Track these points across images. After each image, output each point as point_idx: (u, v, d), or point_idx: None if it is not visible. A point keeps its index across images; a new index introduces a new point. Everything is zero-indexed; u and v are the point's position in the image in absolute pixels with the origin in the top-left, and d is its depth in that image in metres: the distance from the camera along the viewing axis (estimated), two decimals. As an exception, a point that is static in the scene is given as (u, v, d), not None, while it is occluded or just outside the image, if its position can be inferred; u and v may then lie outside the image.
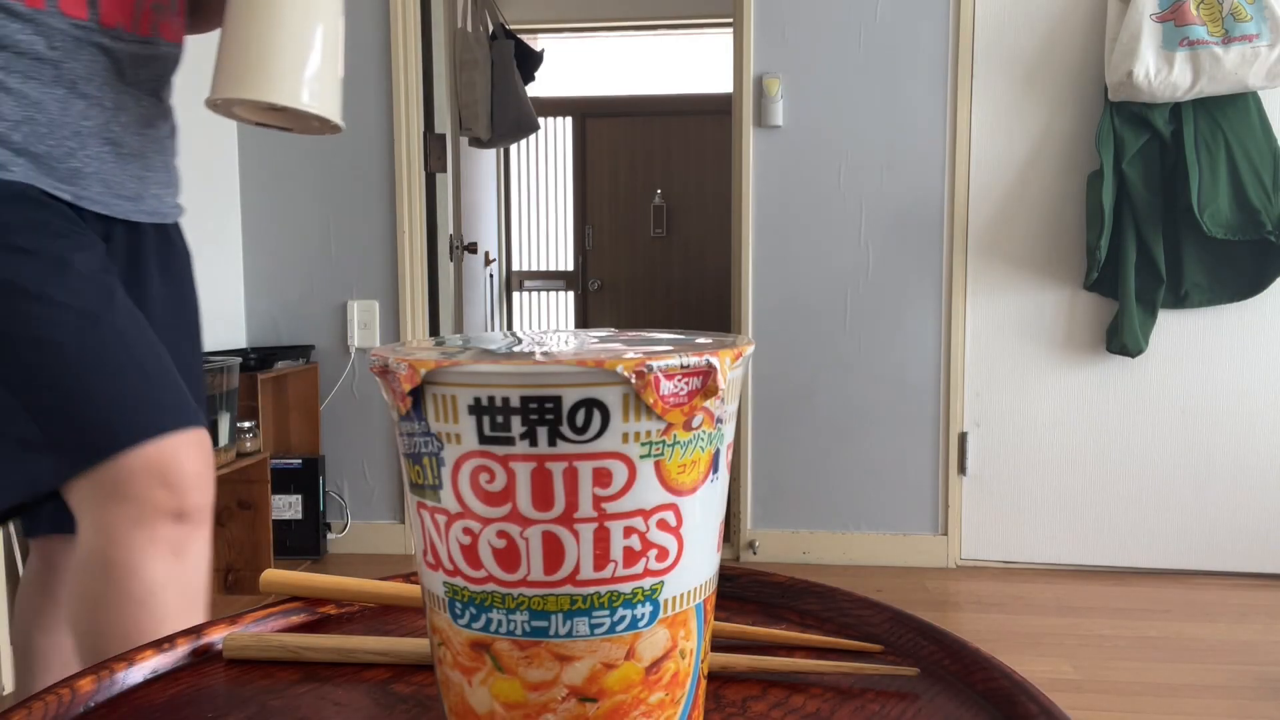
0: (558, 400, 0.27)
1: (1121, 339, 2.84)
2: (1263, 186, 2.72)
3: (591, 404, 0.27)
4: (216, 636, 0.43)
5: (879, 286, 2.94)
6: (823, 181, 2.99)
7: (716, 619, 0.45)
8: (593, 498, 0.28)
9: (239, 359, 2.75)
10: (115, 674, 0.39)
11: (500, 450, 0.28)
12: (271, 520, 2.85)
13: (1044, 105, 2.93)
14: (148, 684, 0.40)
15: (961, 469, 2.99)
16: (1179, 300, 2.86)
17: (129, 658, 0.40)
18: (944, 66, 2.95)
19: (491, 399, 0.28)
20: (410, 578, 0.49)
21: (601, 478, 0.28)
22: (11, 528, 2.21)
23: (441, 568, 0.30)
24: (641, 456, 0.28)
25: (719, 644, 0.42)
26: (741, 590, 0.49)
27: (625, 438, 0.28)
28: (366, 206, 3.16)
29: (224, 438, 2.65)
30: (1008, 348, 3.00)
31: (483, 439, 0.28)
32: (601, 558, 0.29)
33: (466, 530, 0.29)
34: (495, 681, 0.30)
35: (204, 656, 0.42)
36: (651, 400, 0.28)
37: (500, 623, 0.30)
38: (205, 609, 0.90)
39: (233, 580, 2.79)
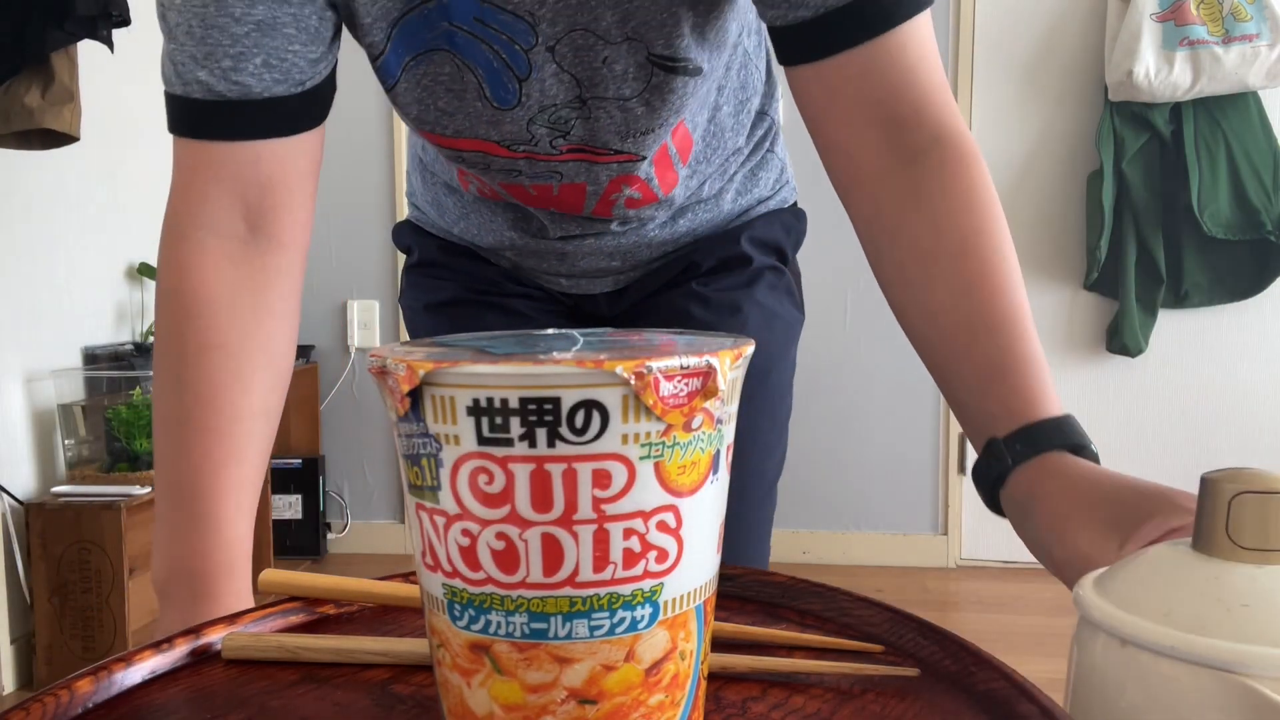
0: (556, 401, 0.27)
1: (1121, 339, 2.84)
2: (1263, 186, 2.72)
3: (590, 405, 0.27)
4: (215, 636, 0.43)
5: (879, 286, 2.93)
6: (822, 181, 2.99)
7: (716, 619, 0.45)
8: (592, 499, 0.28)
9: (239, 359, 2.74)
10: (114, 674, 0.39)
11: (499, 451, 0.28)
12: (271, 520, 2.85)
13: (1044, 105, 2.92)
14: (146, 684, 0.40)
15: (961, 469, 2.99)
16: (1179, 300, 2.85)
17: (128, 658, 0.40)
18: (944, 66, 2.94)
19: (490, 400, 0.28)
20: (410, 578, 0.49)
21: (601, 479, 0.28)
22: (11, 529, 2.21)
23: (440, 569, 0.30)
24: (641, 458, 0.28)
25: (719, 644, 0.42)
26: (741, 590, 0.49)
27: (625, 439, 0.28)
28: (366, 206, 3.16)
29: (224, 438, 2.64)
30: (1008, 348, 3.00)
31: (481, 440, 0.28)
32: (601, 559, 0.29)
33: (465, 532, 0.29)
34: (494, 683, 0.30)
35: (203, 657, 0.42)
36: (651, 401, 0.28)
37: (499, 625, 0.29)
38: None
39: (233, 580, 2.78)
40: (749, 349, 0.31)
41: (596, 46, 0.67)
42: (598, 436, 0.28)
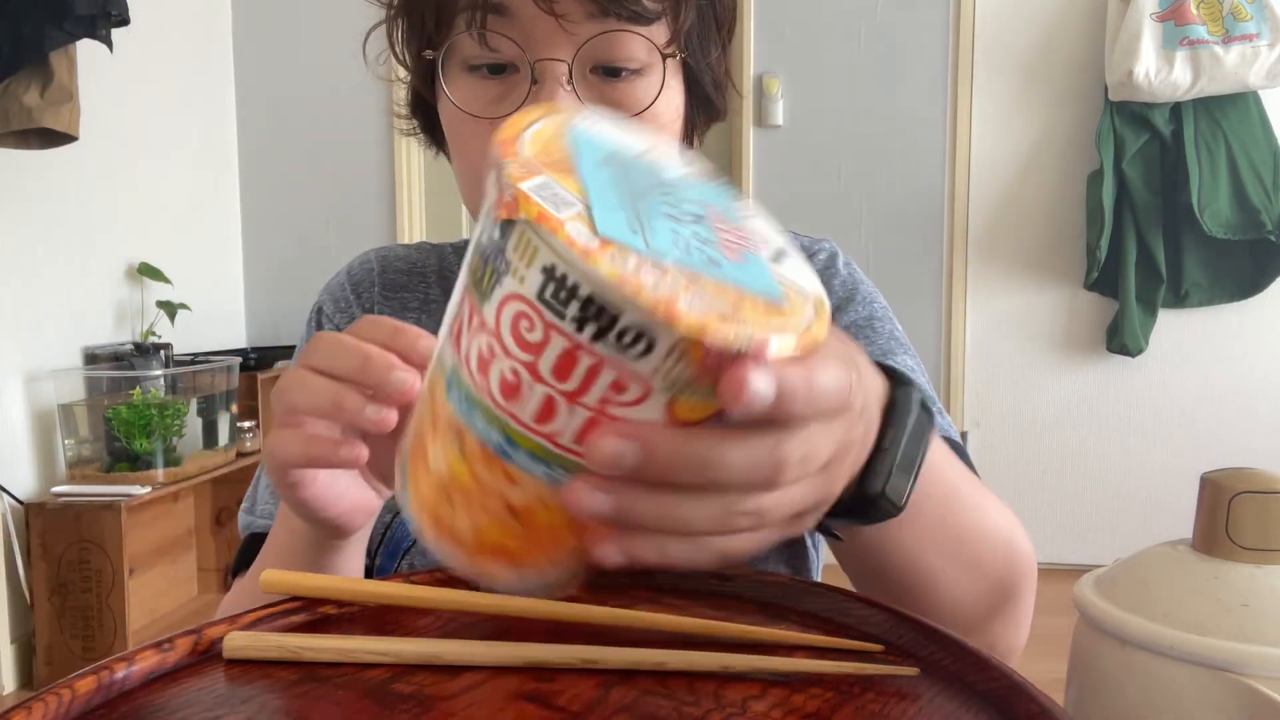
0: (616, 317, 0.29)
1: (1121, 338, 2.84)
2: (1263, 186, 2.72)
3: (641, 334, 0.29)
4: (216, 636, 0.43)
5: (878, 286, 2.93)
6: (823, 181, 2.99)
7: (717, 619, 0.45)
8: (602, 396, 0.30)
9: (239, 359, 2.75)
10: (115, 673, 0.39)
11: (549, 315, 0.29)
12: (271, 520, 2.84)
13: (1044, 105, 2.92)
14: (148, 684, 0.40)
15: (961, 469, 2.99)
16: (1179, 300, 2.85)
17: (129, 657, 0.40)
18: (944, 66, 2.95)
19: (565, 277, 0.29)
20: (411, 578, 0.49)
21: (618, 386, 0.30)
22: (11, 529, 2.21)
23: (459, 349, 0.33)
24: (661, 389, 0.30)
25: (720, 644, 0.42)
26: (741, 590, 0.49)
27: (656, 370, 0.29)
28: (366, 206, 3.15)
29: (224, 437, 2.65)
30: (1008, 347, 3.00)
31: (540, 297, 0.29)
32: (582, 438, 0.31)
33: (490, 347, 0.31)
34: (454, 459, 0.33)
35: (204, 656, 0.42)
36: (696, 358, 0.29)
37: (480, 428, 0.32)
38: None
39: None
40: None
41: None
42: (638, 358, 0.29)
